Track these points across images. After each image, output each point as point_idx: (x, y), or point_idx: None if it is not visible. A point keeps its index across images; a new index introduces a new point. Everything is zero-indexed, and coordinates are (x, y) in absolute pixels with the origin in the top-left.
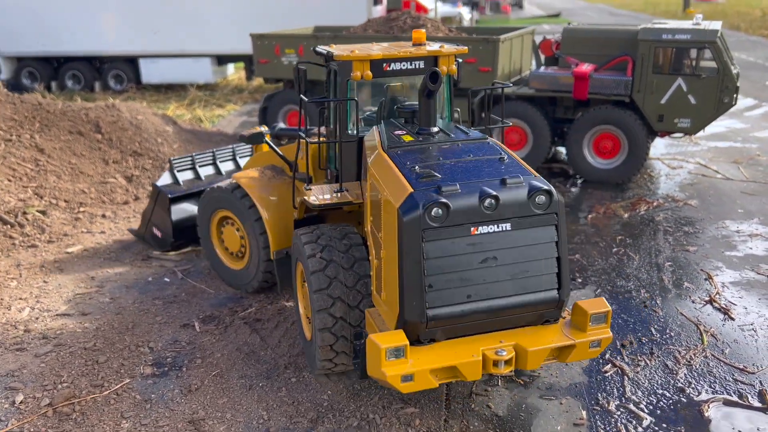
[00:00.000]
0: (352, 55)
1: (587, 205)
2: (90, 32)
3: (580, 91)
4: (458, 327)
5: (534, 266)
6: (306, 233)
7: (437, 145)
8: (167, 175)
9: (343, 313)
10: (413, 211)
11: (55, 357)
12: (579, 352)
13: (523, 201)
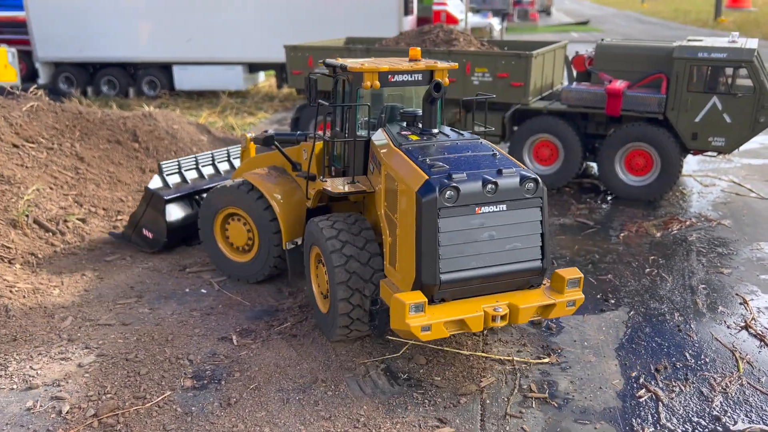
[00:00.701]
0: (364, 68)
1: (619, 222)
2: (125, 39)
3: (613, 107)
4: (463, 289)
5: (523, 240)
6: (323, 220)
7: (440, 143)
8: (157, 179)
9: (359, 286)
10: (430, 193)
11: (98, 367)
12: (558, 309)
13: (516, 187)
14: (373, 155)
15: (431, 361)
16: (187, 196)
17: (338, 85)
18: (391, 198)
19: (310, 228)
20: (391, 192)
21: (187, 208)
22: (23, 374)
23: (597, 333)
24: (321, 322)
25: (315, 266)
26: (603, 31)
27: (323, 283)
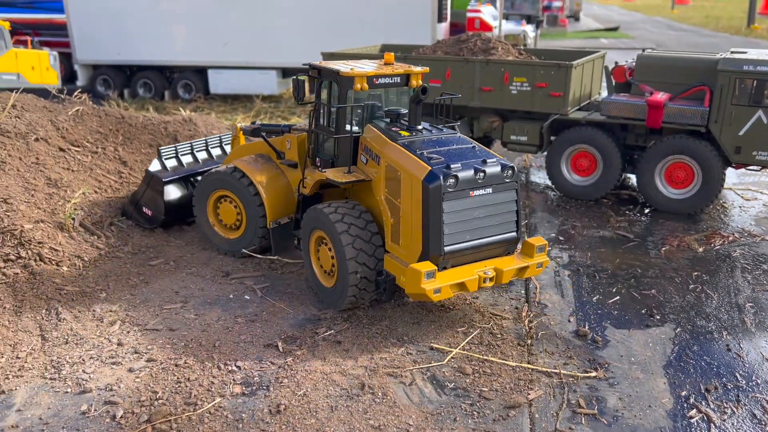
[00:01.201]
0: (354, 72)
1: (659, 236)
2: (162, 43)
3: (653, 119)
4: (460, 258)
5: (503, 216)
6: (326, 207)
7: (428, 138)
8: (156, 162)
9: (365, 260)
10: (436, 181)
11: (148, 372)
12: (531, 270)
13: (498, 173)
14: (367, 148)
15: (477, 371)
16: (183, 178)
17: (322, 86)
18: (393, 185)
19: (312, 214)
20: (393, 180)
21: (183, 189)
22: (77, 377)
23: (644, 349)
24: (325, 295)
25: (315, 248)
26: (633, 37)
27: (326, 262)
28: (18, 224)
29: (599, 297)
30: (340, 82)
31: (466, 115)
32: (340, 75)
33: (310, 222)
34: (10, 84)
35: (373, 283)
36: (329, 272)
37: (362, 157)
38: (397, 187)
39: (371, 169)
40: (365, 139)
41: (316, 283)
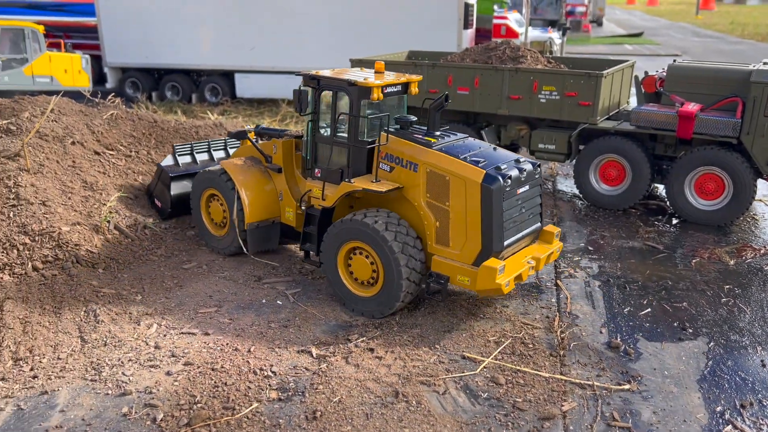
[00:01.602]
0: (371, 83)
1: (689, 248)
2: (190, 47)
3: (684, 130)
4: (509, 250)
5: (534, 209)
6: (365, 218)
7: (455, 143)
8: (170, 158)
9: (414, 265)
10: (496, 183)
11: (186, 376)
12: (554, 255)
13: (532, 171)
14: (390, 156)
15: (510, 381)
16: (191, 174)
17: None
18: (439, 190)
19: (347, 226)
20: (439, 185)
21: (190, 185)
22: (116, 379)
23: (677, 362)
24: (364, 305)
25: (346, 260)
26: (658, 44)
27: (364, 272)
28: (56, 226)
29: (630, 309)
30: (356, 92)
31: (494, 122)
32: (357, 85)
33: (342, 235)
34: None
35: (419, 284)
36: (367, 282)
37: (383, 166)
38: (443, 191)
39: (401, 176)
40: (387, 147)
41: (348, 294)
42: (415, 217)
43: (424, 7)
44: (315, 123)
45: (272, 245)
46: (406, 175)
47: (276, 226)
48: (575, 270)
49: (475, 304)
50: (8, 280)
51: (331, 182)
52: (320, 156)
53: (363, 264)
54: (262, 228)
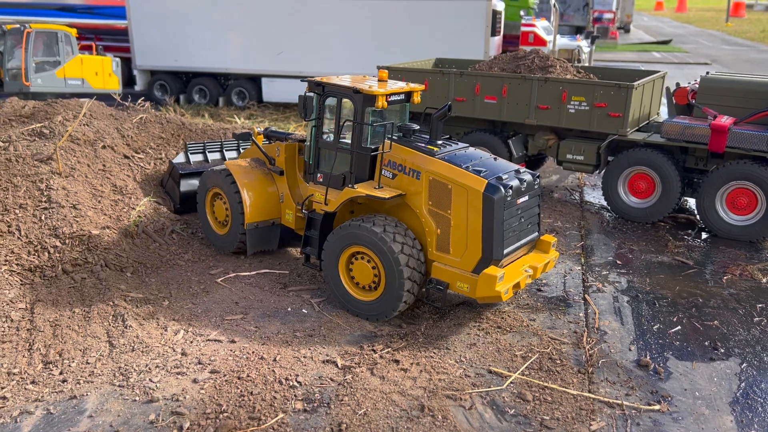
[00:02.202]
0: (376, 91)
1: (720, 264)
2: (218, 51)
3: (717, 143)
4: (507, 259)
5: (533, 219)
6: (366, 223)
7: (456, 152)
8: (182, 155)
9: (414, 268)
10: (497, 193)
11: (212, 384)
12: (551, 264)
13: (531, 182)
14: (393, 163)
15: (538, 398)
16: (201, 173)
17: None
18: (441, 198)
19: (347, 231)
20: (441, 193)
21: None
22: (144, 386)
23: (708, 383)
24: (364, 309)
25: (347, 264)
26: (687, 51)
27: (365, 277)
28: (86, 230)
29: (660, 326)
30: (360, 100)
31: (522, 132)
32: (362, 93)
33: (343, 239)
34: (75, 89)
35: (420, 289)
36: (368, 287)
37: (386, 173)
38: (445, 199)
39: (404, 183)
40: (390, 154)
41: (349, 299)
42: (417, 224)
43: (452, 14)
44: (319, 128)
45: (272, 246)
46: (409, 182)
47: (276, 228)
48: (603, 284)
49: (501, 317)
50: (39, 282)
51: (334, 187)
52: (323, 161)
53: (365, 269)
54: (261, 228)
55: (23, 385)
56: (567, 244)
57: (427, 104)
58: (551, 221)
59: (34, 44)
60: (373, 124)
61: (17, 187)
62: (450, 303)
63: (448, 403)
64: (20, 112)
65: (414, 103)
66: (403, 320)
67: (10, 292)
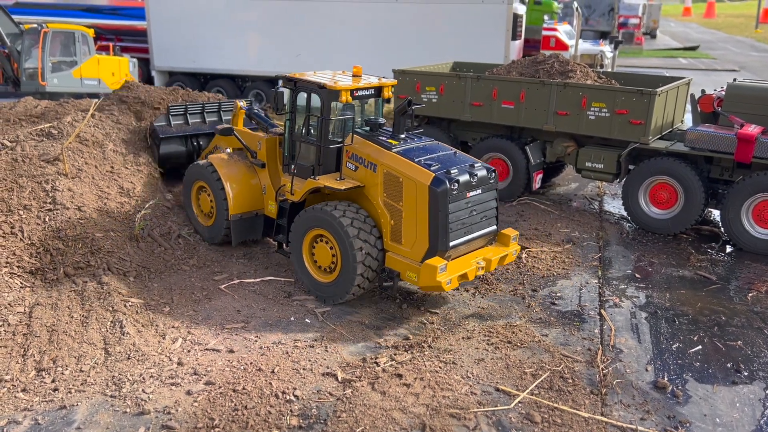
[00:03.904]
0: (341, 86)
1: (745, 279)
2: (236, 53)
3: (743, 153)
4: (458, 251)
5: (488, 213)
6: (328, 207)
7: (416, 146)
8: (163, 117)
9: (369, 254)
10: (442, 186)
11: (206, 397)
12: (509, 257)
13: (485, 176)
14: (356, 156)
15: (546, 419)
16: (181, 137)
17: (300, 99)
18: (393, 190)
19: (311, 215)
20: (394, 186)
21: (178, 147)
22: (136, 397)
23: (730, 409)
24: (321, 290)
25: (310, 247)
26: (715, 58)
27: (325, 259)
28: (90, 232)
29: (679, 345)
30: (325, 94)
31: (540, 138)
32: (326, 88)
33: (307, 222)
34: (92, 89)
35: (375, 276)
36: (327, 269)
37: (349, 165)
38: (398, 191)
39: (364, 175)
40: (353, 147)
41: (309, 279)
42: (375, 215)
43: (472, 17)
44: (292, 122)
45: (256, 236)
46: (368, 174)
47: (259, 218)
48: (621, 299)
49: (512, 331)
50: (39, 285)
51: (303, 178)
52: (296, 153)
53: (324, 251)
54: (245, 219)
55: (14, 393)
56: (584, 255)
57: (444, 109)
58: (568, 231)
59: (51, 44)
60: (336, 118)
61: (22, 187)
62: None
63: (452, 423)
64: (31, 112)
65: (385, 98)
66: (410, 331)
67: (9, 295)
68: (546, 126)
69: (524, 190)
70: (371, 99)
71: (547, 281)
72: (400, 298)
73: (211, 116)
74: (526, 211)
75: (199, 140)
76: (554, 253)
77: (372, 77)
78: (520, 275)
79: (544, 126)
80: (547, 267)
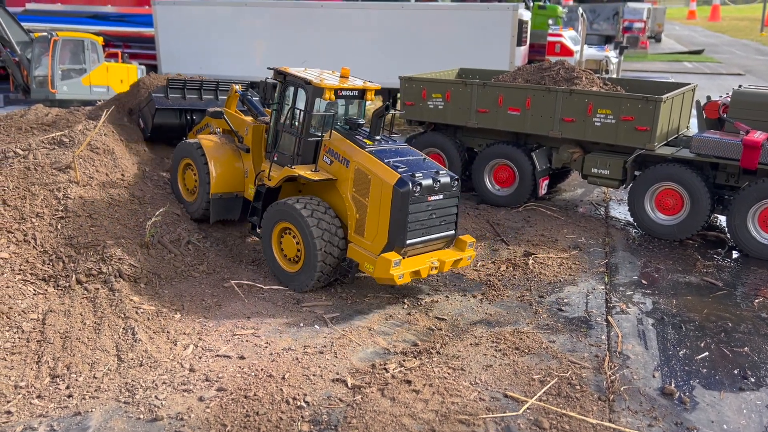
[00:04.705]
0: (325, 84)
1: (751, 286)
2: (243, 59)
3: (749, 160)
4: (415, 250)
5: (448, 218)
6: (294, 202)
7: (389, 148)
8: (161, 89)
9: (331, 249)
10: (405, 187)
11: (218, 403)
12: (463, 262)
13: (448, 183)
14: (332, 151)
15: (554, 426)
16: (176, 110)
17: (287, 91)
18: (361, 186)
19: (278, 208)
20: (362, 182)
21: (171, 119)
22: (149, 403)
23: (737, 416)
24: (288, 279)
25: (278, 238)
26: (720, 62)
27: (291, 250)
28: (101, 240)
29: (686, 351)
30: (311, 91)
31: (546, 144)
32: (312, 84)
33: (275, 215)
34: (101, 96)
35: (336, 267)
36: (293, 259)
37: (326, 158)
38: (365, 188)
39: (337, 169)
40: (330, 142)
41: (278, 269)
42: (343, 208)
43: (477, 23)
44: (278, 113)
45: (234, 216)
46: (341, 169)
47: (239, 200)
48: (627, 305)
49: (520, 338)
50: (52, 292)
51: (281, 166)
52: (279, 142)
53: (290, 242)
54: (225, 199)
55: (29, 399)
56: (590, 261)
57: (450, 116)
58: (575, 237)
59: (61, 52)
60: (317, 113)
61: (35, 195)
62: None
63: (461, 429)
64: (42, 120)
65: (368, 101)
66: (419, 337)
67: (23, 302)
68: (552, 132)
69: (530, 196)
70: (355, 100)
71: (554, 287)
72: (408, 304)
73: (208, 94)
74: (532, 216)
75: (193, 115)
76: (561, 259)
77: (358, 80)
78: (527, 281)
79: (550, 132)
80: (554, 273)
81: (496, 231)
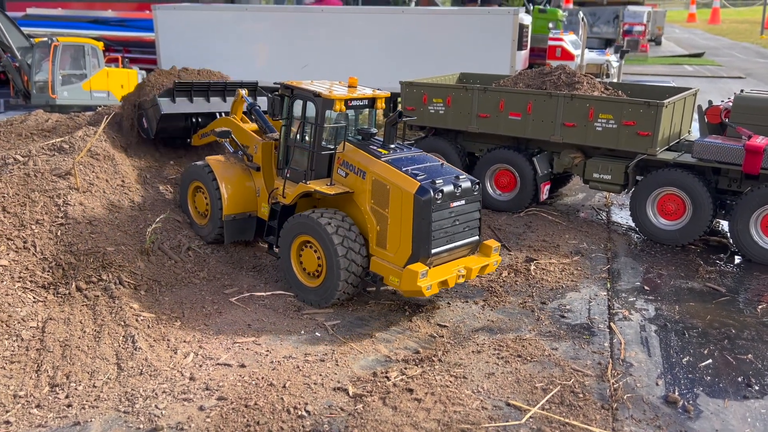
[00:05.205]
0: (335, 96)
1: (754, 292)
2: (243, 64)
3: (751, 165)
4: (440, 259)
5: (471, 223)
6: (315, 215)
7: (405, 156)
8: (167, 92)
9: (353, 261)
10: (426, 195)
11: (218, 412)
12: (490, 267)
13: (469, 188)
14: (347, 163)
15: None
16: (181, 114)
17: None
18: (380, 197)
19: (298, 221)
20: (381, 193)
21: (177, 122)
22: (149, 413)
23: (742, 424)
24: (308, 294)
25: (298, 252)
26: (720, 65)
27: (311, 264)
28: (101, 246)
29: (689, 359)
30: (320, 103)
31: (547, 149)
32: (321, 97)
33: (295, 228)
34: (101, 101)
35: (359, 281)
36: (313, 274)
37: (340, 171)
38: (384, 199)
39: (353, 182)
40: (345, 155)
41: (297, 284)
42: (363, 221)
43: (478, 28)
44: (288, 128)
45: (248, 237)
46: (357, 181)
47: (252, 220)
48: (630, 312)
49: (522, 345)
50: (52, 300)
51: (296, 182)
52: (290, 158)
53: (311, 256)
54: (238, 220)
55: (28, 408)
56: (592, 267)
57: (451, 120)
58: (577, 242)
59: (61, 57)
60: (329, 126)
61: (35, 202)
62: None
63: None
64: (42, 126)
65: (378, 109)
66: (420, 344)
67: (22, 310)
68: (553, 137)
69: (532, 201)
70: (365, 109)
71: (556, 294)
72: (409, 311)
73: (215, 96)
74: (533, 222)
75: (199, 118)
76: (563, 264)
77: (367, 89)
78: (528, 287)
79: (552, 137)
80: (556, 279)
81: (497, 236)
